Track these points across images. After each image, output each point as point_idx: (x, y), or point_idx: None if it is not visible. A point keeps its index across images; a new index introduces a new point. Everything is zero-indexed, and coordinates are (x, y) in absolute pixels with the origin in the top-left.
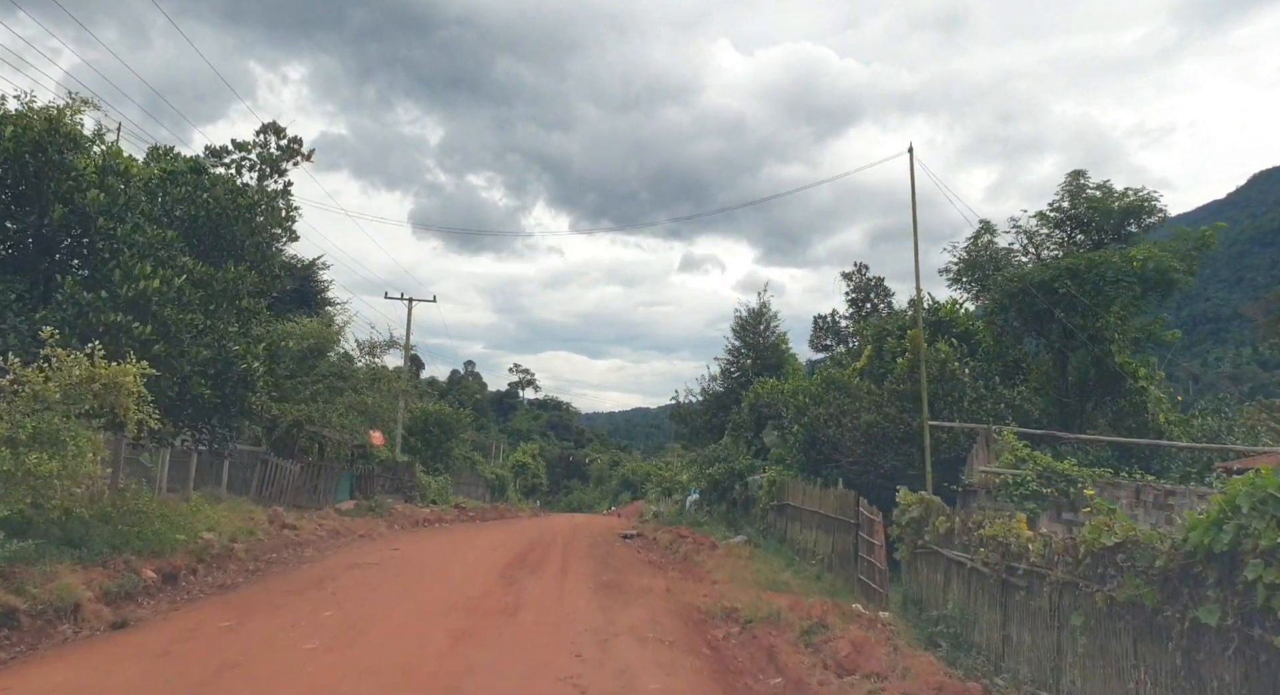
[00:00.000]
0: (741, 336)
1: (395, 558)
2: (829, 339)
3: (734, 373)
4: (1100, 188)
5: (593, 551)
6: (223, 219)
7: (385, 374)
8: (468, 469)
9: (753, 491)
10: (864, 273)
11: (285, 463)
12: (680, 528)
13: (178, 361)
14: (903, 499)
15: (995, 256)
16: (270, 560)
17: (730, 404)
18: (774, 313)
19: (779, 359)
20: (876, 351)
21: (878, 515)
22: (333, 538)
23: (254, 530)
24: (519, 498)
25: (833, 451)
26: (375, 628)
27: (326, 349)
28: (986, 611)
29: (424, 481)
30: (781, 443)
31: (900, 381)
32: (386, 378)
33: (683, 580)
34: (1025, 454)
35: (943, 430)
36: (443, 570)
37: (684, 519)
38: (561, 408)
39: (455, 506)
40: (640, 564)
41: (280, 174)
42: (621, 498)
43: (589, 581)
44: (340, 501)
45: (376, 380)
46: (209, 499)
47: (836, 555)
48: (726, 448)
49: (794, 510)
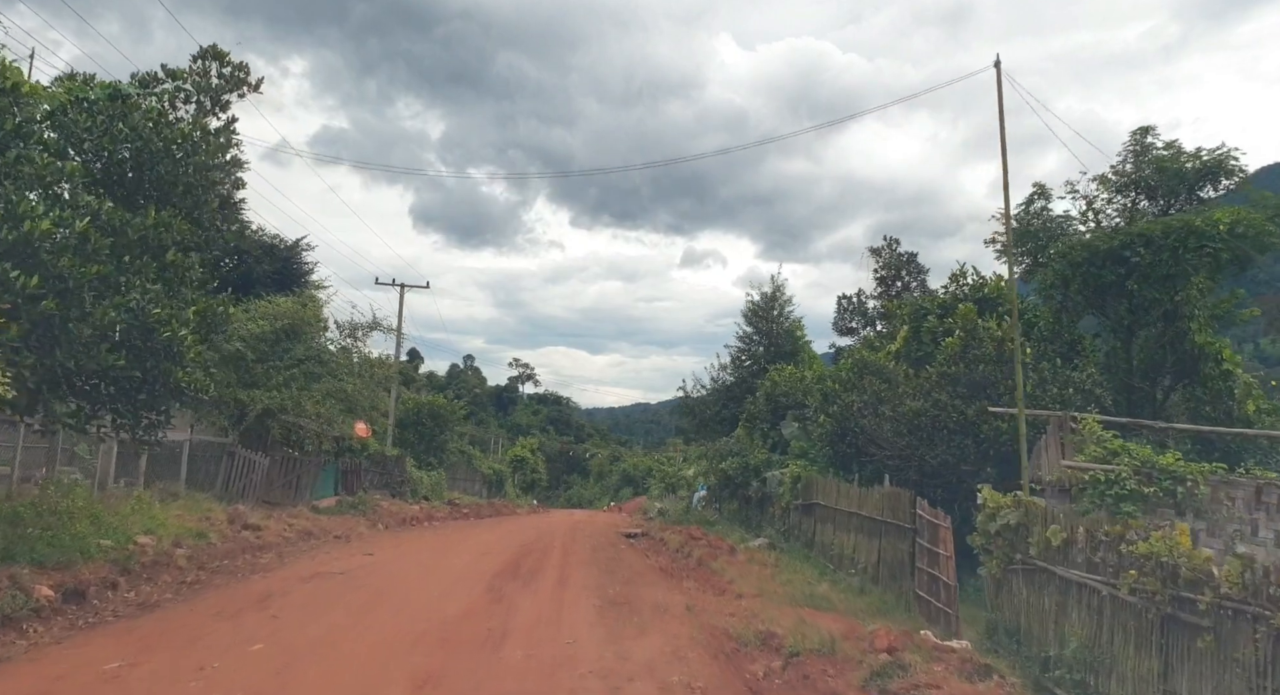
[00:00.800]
0: (753, 322)
1: (367, 565)
2: (854, 321)
3: (745, 361)
4: (1169, 147)
5: (596, 556)
6: (145, 156)
7: (368, 359)
8: (464, 464)
9: (771, 489)
10: (894, 248)
11: (254, 456)
12: (690, 527)
13: (77, 324)
14: (989, 500)
15: (1049, 225)
16: (216, 569)
17: (742, 394)
18: (788, 297)
19: (793, 347)
20: (914, 333)
21: (945, 520)
22: (302, 540)
23: (206, 532)
24: (517, 493)
25: (867, 444)
26: (313, 671)
27: (302, 331)
28: (1134, 657)
29: (415, 476)
30: (803, 435)
31: (950, 363)
32: (369, 363)
33: (701, 593)
34: (1117, 446)
35: (1002, 419)
36: (420, 582)
37: (692, 517)
38: (561, 402)
39: (448, 503)
40: (651, 572)
41: (223, 108)
42: (623, 493)
43: (593, 596)
44: (322, 498)
45: (360, 366)
46: (165, 496)
47: (885, 565)
48: (740, 441)
49: (825, 511)
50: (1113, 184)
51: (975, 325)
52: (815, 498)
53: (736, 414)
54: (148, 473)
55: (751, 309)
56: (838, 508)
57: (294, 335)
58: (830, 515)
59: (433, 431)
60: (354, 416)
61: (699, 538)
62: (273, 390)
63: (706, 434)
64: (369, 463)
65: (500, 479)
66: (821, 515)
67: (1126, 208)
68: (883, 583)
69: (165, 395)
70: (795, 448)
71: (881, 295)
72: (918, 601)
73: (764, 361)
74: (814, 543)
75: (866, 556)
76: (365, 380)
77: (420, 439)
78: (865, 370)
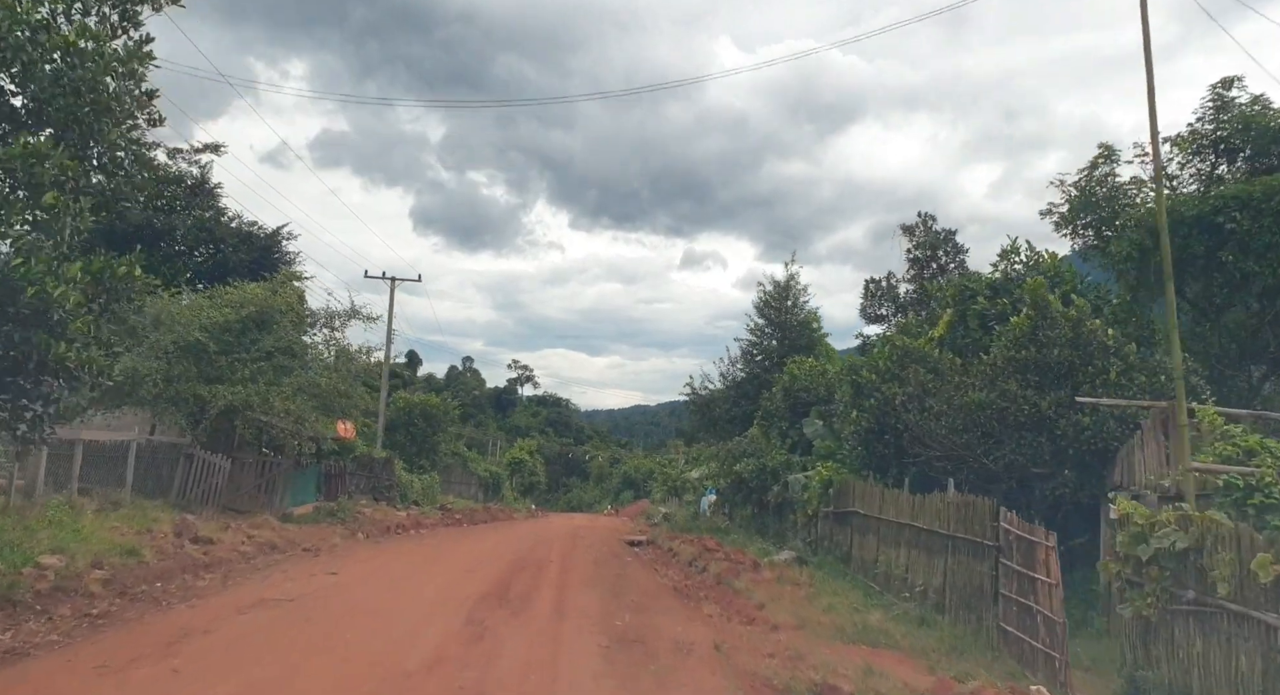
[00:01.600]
0: (765, 314)
1: (326, 589)
2: (884, 307)
3: (757, 356)
4: (1256, 101)
5: (599, 572)
6: (22, 73)
7: (346, 351)
8: (459, 467)
9: (794, 493)
10: (929, 225)
11: (215, 458)
12: (703, 537)
13: None
14: (1134, 514)
15: (1115, 193)
16: (137, 596)
17: (755, 391)
18: (802, 287)
19: (809, 339)
20: (959, 317)
21: (1047, 537)
22: (261, 555)
23: (140, 549)
24: (515, 497)
25: (912, 443)
26: None
27: (273, 320)
28: None
29: (405, 480)
30: (829, 434)
31: (1018, 346)
32: (346, 356)
33: (728, 622)
34: (1254, 443)
35: (1084, 412)
36: (385, 611)
37: (701, 524)
38: (561, 404)
39: (440, 508)
40: (664, 593)
41: (135, 25)
42: (623, 497)
43: (597, 631)
44: (301, 504)
45: (338, 359)
46: (106, 505)
47: (954, 591)
48: (755, 441)
49: (865, 521)
50: (1189, 145)
51: (1047, 303)
52: (852, 505)
53: (749, 412)
54: (85, 479)
55: (763, 300)
56: (882, 517)
57: (263, 325)
58: (872, 526)
59: (425, 432)
60: (328, 414)
61: (714, 549)
62: (237, 385)
63: (717, 434)
64: (355, 466)
65: (497, 482)
66: (860, 525)
67: (1204, 173)
68: (951, 612)
69: (37, 372)
70: (820, 448)
71: (915, 278)
72: (1004, 639)
73: (777, 356)
74: (851, 558)
75: (926, 578)
76: (342, 374)
77: (412, 441)
78: (908, 358)
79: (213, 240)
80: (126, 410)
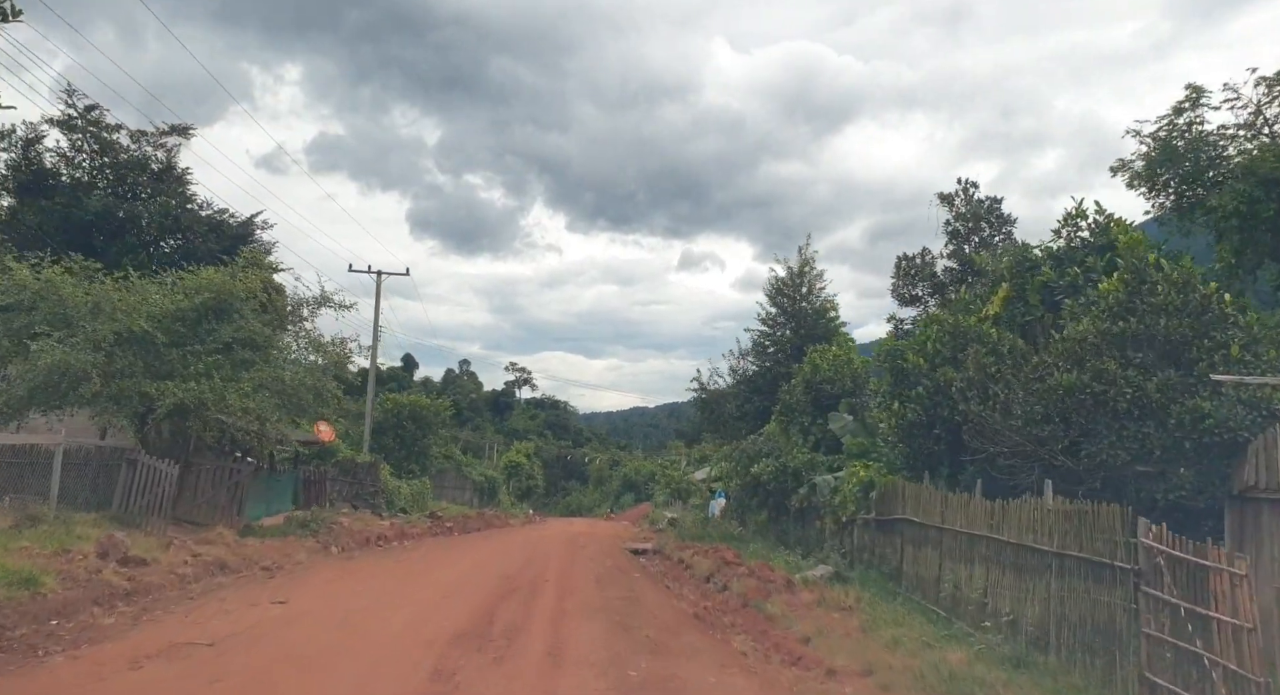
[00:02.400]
0: (777, 302)
1: (262, 626)
2: (919, 287)
3: (769, 347)
4: None
5: (604, 593)
6: None
7: (316, 342)
8: (454, 471)
9: (822, 497)
10: (971, 193)
11: (161, 464)
12: (719, 546)
13: None
14: None
15: (1201, 143)
16: (10, 642)
17: (770, 385)
18: (818, 271)
19: (825, 329)
20: (1018, 291)
21: (1235, 562)
22: (203, 578)
23: (42, 575)
24: (512, 502)
25: (974, 437)
26: None
27: (232, 308)
28: None
29: (392, 486)
30: (860, 429)
31: (1113, 317)
32: (316, 346)
33: (767, 662)
34: None
35: (1203, 396)
36: (325, 658)
37: (712, 530)
38: (559, 407)
39: (430, 516)
40: (682, 622)
41: None
42: (624, 500)
43: (606, 686)
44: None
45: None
46: (21, 520)
47: (1066, 625)
48: (772, 439)
49: (922, 531)
50: None
51: (1145, 264)
52: (901, 511)
53: (763, 408)
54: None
55: (775, 287)
56: (946, 527)
57: (221, 314)
58: (931, 537)
59: (415, 435)
60: (297, 413)
61: (734, 562)
62: (190, 381)
63: (726, 433)
64: (337, 471)
65: (493, 486)
66: (914, 536)
67: None
68: (1060, 651)
69: None
70: (851, 445)
71: (954, 253)
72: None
73: (791, 347)
74: (901, 574)
75: (1016, 605)
76: (310, 368)
77: (401, 444)
78: (964, 339)
79: (179, 229)
80: (78, 413)
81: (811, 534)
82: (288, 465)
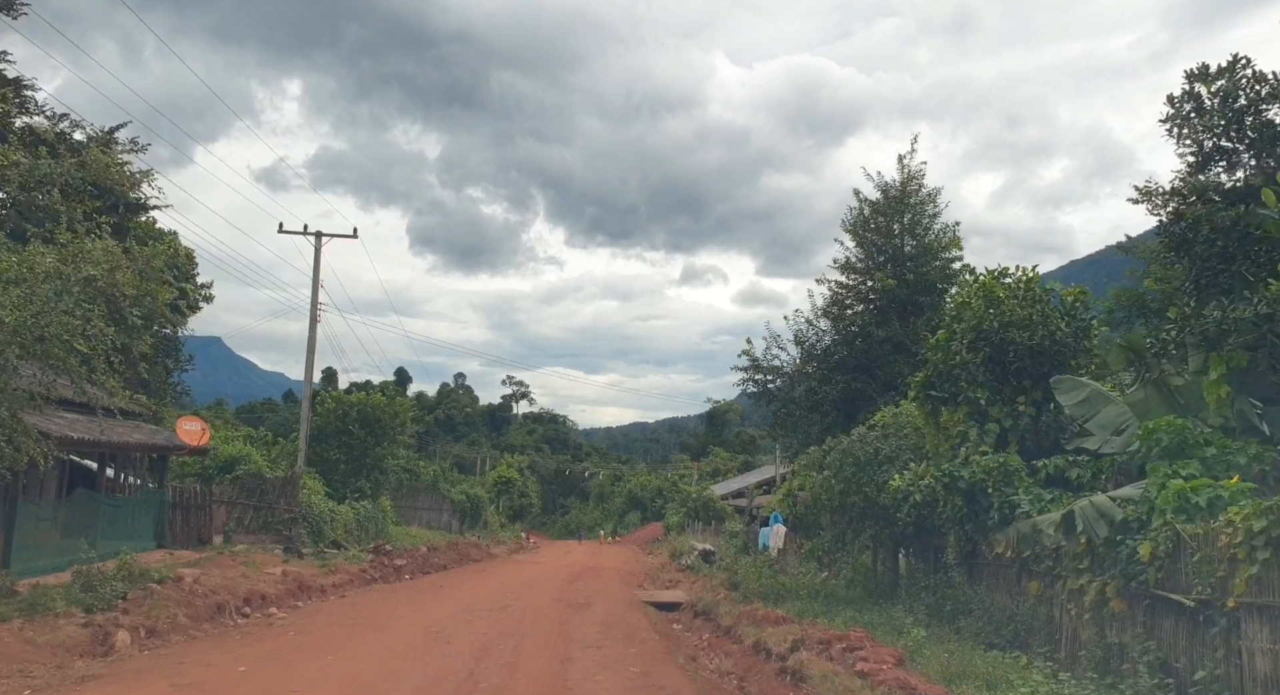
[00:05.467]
0: (863, 238)
1: None
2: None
3: (850, 303)
4: None
5: None
6: None
7: (110, 248)
8: (427, 489)
9: (1037, 538)
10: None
11: None
12: (841, 633)
13: None
14: None
15: None
16: None
17: (866, 360)
18: (931, 190)
19: (943, 275)
20: None
21: None
22: None
23: None
24: (501, 524)
25: None
26: None
27: None
28: None
29: (322, 510)
30: (1158, 402)
31: None
32: (108, 255)
33: None
34: None
35: None
36: None
37: (776, 573)
38: (558, 421)
39: (373, 550)
40: None
41: None
42: (629, 518)
43: None
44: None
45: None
46: None
47: None
48: (894, 432)
49: None
50: None
51: None
52: None
53: (856, 390)
54: None
55: (864, 215)
56: None
57: None
58: None
59: (365, 443)
60: (43, 382)
61: (885, 672)
62: None
63: (792, 429)
64: (237, 491)
65: (477, 506)
66: None
67: None
68: None
69: None
70: (1164, 440)
71: (1223, 130)
72: None
73: (887, 298)
74: None
75: None
76: (57, 289)
77: (347, 455)
78: None
79: None
80: None
81: (1012, 605)
82: (144, 479)
